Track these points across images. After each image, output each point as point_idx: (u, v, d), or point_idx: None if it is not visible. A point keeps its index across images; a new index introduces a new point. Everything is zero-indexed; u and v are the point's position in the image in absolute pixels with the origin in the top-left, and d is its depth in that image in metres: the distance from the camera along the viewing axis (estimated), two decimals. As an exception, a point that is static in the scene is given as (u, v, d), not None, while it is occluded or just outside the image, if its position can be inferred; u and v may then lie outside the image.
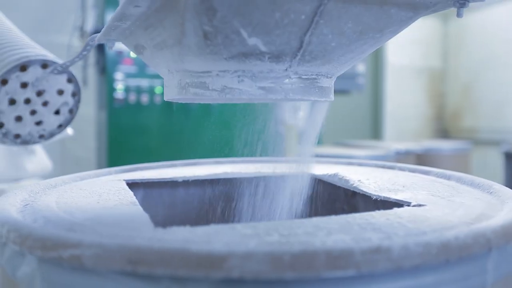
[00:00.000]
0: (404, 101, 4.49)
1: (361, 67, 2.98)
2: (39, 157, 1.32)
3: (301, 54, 0.49)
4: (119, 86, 2.40)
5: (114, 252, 0.33)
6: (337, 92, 2.97)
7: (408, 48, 4.43)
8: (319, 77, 0.53)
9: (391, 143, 2.83)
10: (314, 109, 0.61)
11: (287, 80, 0.51)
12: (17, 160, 1.25)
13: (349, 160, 0.83)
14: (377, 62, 4.40)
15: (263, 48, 0.47)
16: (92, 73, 2.74)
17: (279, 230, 0.39)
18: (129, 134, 2.43)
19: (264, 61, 0.48)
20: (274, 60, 0.49)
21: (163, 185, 0.74)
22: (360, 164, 0.81)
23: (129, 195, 0.55)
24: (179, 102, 0.57)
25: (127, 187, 0.61)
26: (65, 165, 2.93)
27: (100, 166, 2.70)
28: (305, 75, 0.52)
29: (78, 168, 2.82)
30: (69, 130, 1.29)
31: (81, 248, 0.34)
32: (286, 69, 0.50)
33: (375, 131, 4.42)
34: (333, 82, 0.57)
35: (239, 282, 0.32)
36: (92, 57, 2.61)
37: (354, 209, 0.74)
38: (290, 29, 0.46)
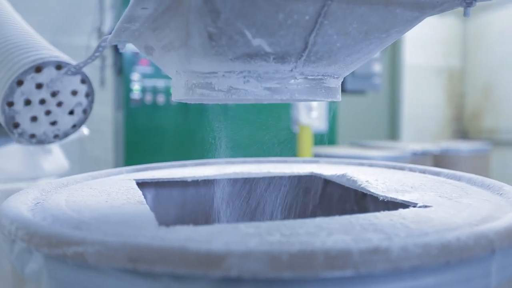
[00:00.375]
0: (422, 101, 4.44)
1: (377, 67, 2.95)
2: (55, 156, 1.34)
3: (306, 55, 0.49)
4: (136, 87, 2.43)
5: (116, 250, 0.34)
6: (353, 92, 2.95)
7: (426, 48, 4.38)
8: (325, 77, 0.53)
9: (408, 144, 2.80)
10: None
11: (292, 80, 0.51)
12: (34, 159, 1.28)
13: (359, 161, 0.83)
14: (394, 62, 4.36)
15: (267, 49, 0.47)
16: (109, 74, 2.78)
17: (281, 230, 0.39)
18: (146, 134, 2.46)
19: (269, 62, 0.49)
20: (279, 60, 0.49)
21: (173, 185, 0.75)
22: (370, 165, 0.81)
23: (137, 195, 0.56)
24: (187, 102, 0.58)
25: (136, 187, 0.62)
26: (83, 164, 2.97)
27: (117, 166, 2.74)
28: (311, 75, 0.52)
29: (96, 168, 2.85)
30: (85, 130, 1.31)
31: (84, 246, 0.35)
32: (292, 70, 0.50)
33: (392, 132, 4.38)
34: (340, 82, 0.57)
35: (237, 281, 0.32)
36: (109, 58, 2.65)
37: (364, 210, 0.73)
38: (294, 30, 0.46)
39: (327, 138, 2.82)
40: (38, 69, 0.81)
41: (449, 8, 0.49)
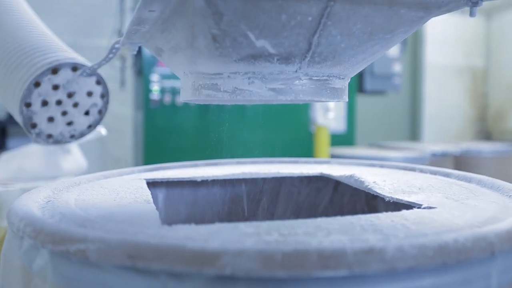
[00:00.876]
0: (444, 102, 4.37)
1: (397, 67, 2.92)
2: (74, 156, 1.37)
3: (311, 56, 0.49)
4: (155, 88, 2.46)
5: (115, 247, 0.35)
6: (373, 92, 2.93)
7: (448, 47, 4.31)
8: (330, 78, 0.53)
9: (428, 145, 2.76)
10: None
11: (297, 81, 0.51)
12: (53, 159, 1.30)
13: (370, 162, 0.83)
14: (415, 62, 4.30)
15: (271, 50, 0.47)
16: (129, 75, 2.82)
17: (280, 230, 0.39)
18: (164, 134, 2.49)
19: (273, 63, 0.49)
20: (283, 61, 0.49)
21: (184, 185, 0.76)
22: (381, 166, 0.80)
23: (145, 194, 0.57)
24: (194, 103, 0.59)
25: (145, 186, 0.63)
26: (104, 164, 3.02)
27: (136, 165, 2.77)
28: (316, 76, 0.52)
29: (116, 167, 2.90)
30: (102, 131, 1.34)
31: (86, 243, 0.36)
32: (296, 71, 0.50)
33: (413, 133, 4.33)
34: (347, 83, 0.57)
35: (231, 279, 0.33)
36: (129, 59, 2.69)
37: (374, 211, 0.73)
38: (297, 31, 0.46)
39: (345, 138, 2.81)
40: (55, 70, 0.83)
41: (455, 8, 0.49)
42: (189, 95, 0.55)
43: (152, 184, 0.73)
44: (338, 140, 2.73)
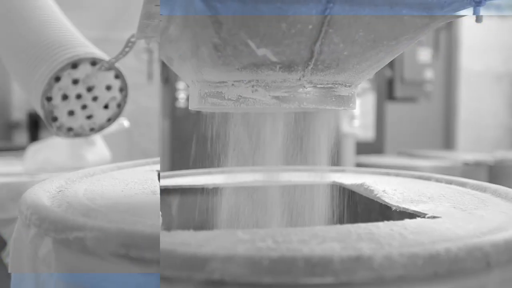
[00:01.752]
0: (481, 109, 4.25)
1: (429, 73, 2.87)
2: (99, 148, 1.40)
3: (314, 64, 0.49)
4: (181, 96, 2.49)
5: (111, 235, 0.36)
6: (403, 99, 2.88)
7: (486, 52, 4.19)
8: (336, 85, 0.53)
9: (461, 154, 2.69)
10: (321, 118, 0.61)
11: (301, 89, 0.51)
12: (78, 150, 1.34)
13: (386, 170, 0.81)
14: (450, 68, 4.20)
15: (273, 58, 0.48)
16: (157, 67, 2.85)
17: (275, 237, 0.39)
18: (191, 143, 2.52)
19: (276, 71, 0.49)
20: (286, 69, 0.49)
21: (197, 192, 0.77)
22: (396, 175, 0.79)
23: (153, 185, 0.58)
24: (201, 111, 0.60)
25: (155, 178, 0.64)
26: (132, 156, 3.05)
27: (163, 157, 2.78)
28: (321, 84, 0.52)
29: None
30: (125, 123, 1.36)
31: (84, 231, 0.37)
32: (300, 79, 0.51)
33: (447, 141, 4.22)
34: (355, 91, 0.56)
35: (220, 284, 0.33)
36: (157, 51, 2.72)
37: (388, 220, 0.72)
38: (298, 39, 0.46)
39: (373, 146, 2.77)
40: (74, 65, 0.85)
41: (460, 8, 0.48)
42: (196, 103, 0.56)
43: (166, 192, 0.75)
44: (367, 148, 2.69)
